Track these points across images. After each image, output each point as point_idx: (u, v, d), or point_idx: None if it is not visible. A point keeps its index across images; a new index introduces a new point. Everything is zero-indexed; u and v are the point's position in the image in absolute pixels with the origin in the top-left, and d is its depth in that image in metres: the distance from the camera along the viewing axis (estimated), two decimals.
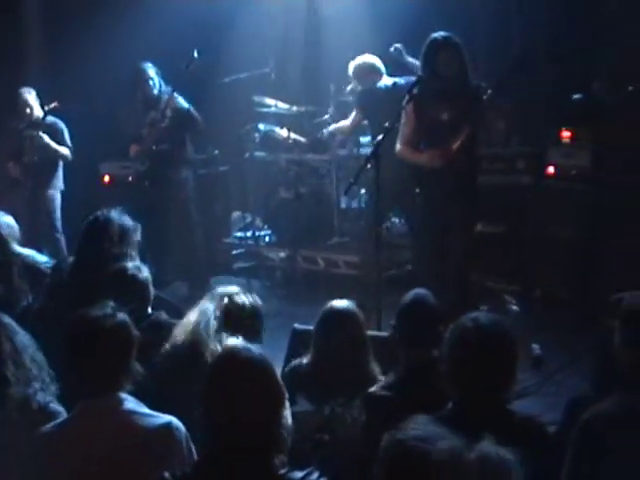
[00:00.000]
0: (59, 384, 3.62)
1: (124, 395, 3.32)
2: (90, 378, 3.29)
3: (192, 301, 4.80)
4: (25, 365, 3.54)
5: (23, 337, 3.66)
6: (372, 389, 4.15)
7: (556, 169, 8.05)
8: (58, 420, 3.37)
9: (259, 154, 9.96)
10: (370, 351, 4.45)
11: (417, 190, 6.95)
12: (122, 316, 3.41)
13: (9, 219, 6.80)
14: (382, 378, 4.28)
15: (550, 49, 8.66)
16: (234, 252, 10.31)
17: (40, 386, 3.53)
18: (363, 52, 8.58)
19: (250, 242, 10.03)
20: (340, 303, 4.52)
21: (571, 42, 8.50)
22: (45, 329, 4.28)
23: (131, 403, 3.31)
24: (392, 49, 8.10)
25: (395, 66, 8.19)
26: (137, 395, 3.39)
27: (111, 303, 3.45)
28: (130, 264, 4.85)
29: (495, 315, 3.32)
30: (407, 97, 6.28)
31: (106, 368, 3.29)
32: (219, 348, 3.78)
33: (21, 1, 10.59)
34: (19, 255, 6.49)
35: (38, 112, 9.06)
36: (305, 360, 4.48)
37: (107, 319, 3.35)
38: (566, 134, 8.09)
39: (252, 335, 3.87)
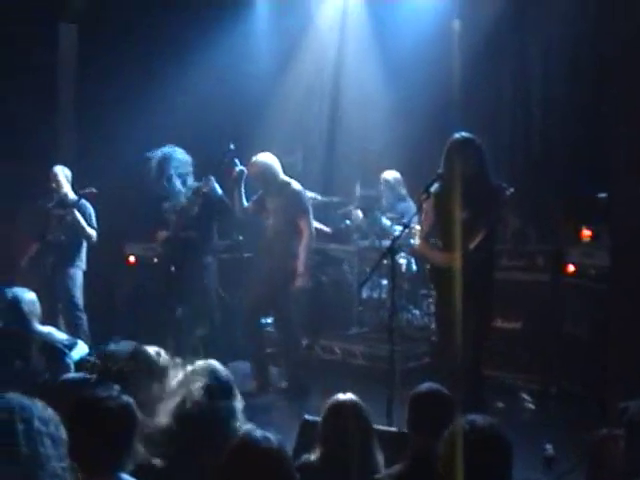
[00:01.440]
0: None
1: (125, 476, 3.32)
2: (91, 458, 3.28)
3: None
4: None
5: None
6: (377, 476, 4.15)
7: (576, 267, 8.07)
8: None
9: None
10: (376, 443, 4.44)
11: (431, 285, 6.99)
12: (126, 398, 3.43)
13: (32, 295, 6.88)
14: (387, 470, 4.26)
15: (572, 147, 8.75)
16: None
17: None
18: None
19: (269, 329, 10.04)
20: (344, 397, 4.51)
21: (593, 140, 8.58)
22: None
23: None
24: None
25: None
26: (138, 476, 3.40)
27: (116, 386, 3.49)
28: (151, 349, 4.87)
29: (492, 419, 3.29)
30: (425, 195, 6.37)
31: (107, 448, 3.30)
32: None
33: (56, 82, 10.86)
34: (39, 333, 6.59)
35: (69, 192, 9.22)
36: (313, 456, 4.46)
37: (111, 400, 3.38)
38: (587, 233, 8.12)
39: None
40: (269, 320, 9.82)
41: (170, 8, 10.65)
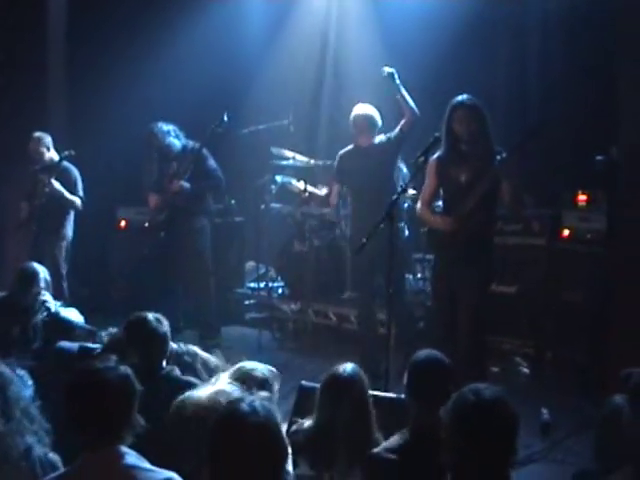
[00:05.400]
0: (55, 436, 3.60)
1: (125, 449, 3.26)
2: (91, 430, 3.24)
3: (202, 350, 4.91)
4: (14, 417, 3.50)
5: (17, 387, 3.63)
6: (376, 450, 4.08)
7: (571, 232, 8.03)
8: (57, 472, 3.34)
9: (275, 206, 9.98)
10: (373, 418, 4.38)
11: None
12: (124, 369, 3.38)
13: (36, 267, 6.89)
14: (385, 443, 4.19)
15: (567, 113, 8.70)
16: (246, 302, 10.33)
17: (35, 439, 3.50)
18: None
19: (263, 293, 10.04)
20: (345, 369, 4.41)
21: (589, 106, 8.51)
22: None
23: (132, 457, 3.25)
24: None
25: None
26: (138, 448, 3.35)
27: (114, 356, 3.44)
28: (150, 315, 4.83)
29: (498, 388, 3.23)
30: (423, 158, 6.23)
31: (107, 420, 3.25)
32: None
33: (46, 46, 10.72)
34: (42, 302, 6.62)
35: (53, 156, 9.04)
36: (307, 423, 4.42)
37: (109, 371, 3.33)
38: (582, 197, 8.06)
39: None
40: None
41: None
